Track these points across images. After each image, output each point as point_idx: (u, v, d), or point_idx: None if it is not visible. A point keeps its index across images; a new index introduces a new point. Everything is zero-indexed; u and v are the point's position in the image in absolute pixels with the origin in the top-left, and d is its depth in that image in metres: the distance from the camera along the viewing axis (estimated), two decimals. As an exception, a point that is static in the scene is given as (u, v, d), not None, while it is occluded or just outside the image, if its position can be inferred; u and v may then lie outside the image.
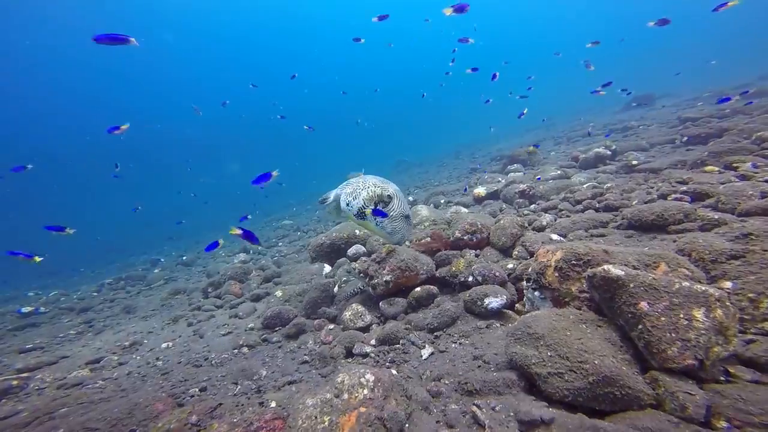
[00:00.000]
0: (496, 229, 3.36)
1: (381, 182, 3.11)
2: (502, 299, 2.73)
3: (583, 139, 11.17)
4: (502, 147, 16.21)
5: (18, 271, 18.49)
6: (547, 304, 2.37)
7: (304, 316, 3.77)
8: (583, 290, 2.18)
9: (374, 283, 3.33)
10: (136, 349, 3.72)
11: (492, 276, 2.91)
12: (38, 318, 6.95)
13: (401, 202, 3.06)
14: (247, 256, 9.18)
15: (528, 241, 3.13)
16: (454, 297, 3.14)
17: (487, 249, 3.38)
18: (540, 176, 5.80)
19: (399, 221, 3.03)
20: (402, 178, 15.92)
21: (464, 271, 3.09)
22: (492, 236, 3.38)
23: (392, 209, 2.98)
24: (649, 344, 1.62)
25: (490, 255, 3.27)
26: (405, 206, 3.07)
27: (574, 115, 20.75)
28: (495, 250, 3.33)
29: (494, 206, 5.21)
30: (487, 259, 3.23)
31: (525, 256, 3.11)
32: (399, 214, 2.99)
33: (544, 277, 2.35)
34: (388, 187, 3.08)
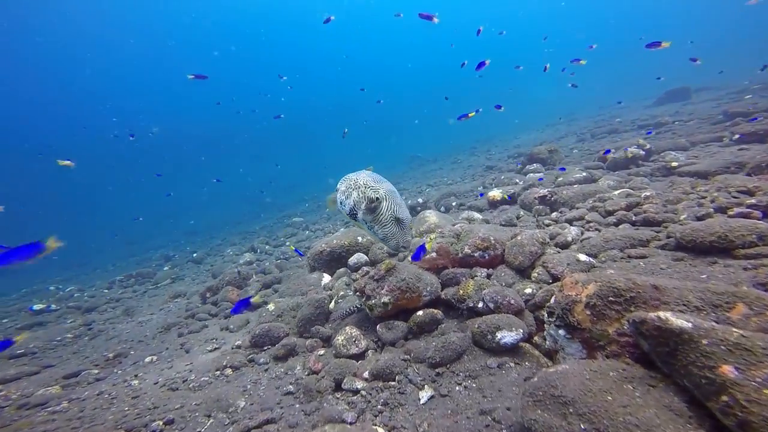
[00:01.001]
0: (513, 245, 2.90)
1: (373, 182, 2.80)
2: (518, 333, 2.29)
3: (610, 136, 10.35)
4: (520, 143, 15.44)
5: (48, 262, 19.34)
6: (575, 346, 1.92)
7: (296, 335, 3.44)
8: (623, 333, 1.72)
9: (371, 304, 2.95)
10: (119, 361, 3.51)
11: (506, 303, 2.47)
12: (47, 316, 7.00)
13: (392, 204, 2.68)
14: (253, 256, 9.02)
15: (550, 262, 2.66)
16: (461, 324, 2.72)
17: (501, 268, 2.93)
18: (562, 178, 5.24)
19: (390, 226, 2.66)
20: (415, 174, 15.45)
21: (473, 296, 2.66)
22: (507, 253, 2.93)
23: (381, 213, 2.65)
24: (748, 426, 1.15)
25: (505, 276, 2.82)
26: (398, 209, 2.73)
27: (597, 110, 19.58)
28: (510, 269, 2.87)
29: (511, 212, 4.71)
30: (501, 281, 2.79)
31: (546, 280, 2.64)
32: (389, 218, 2.65)
33: (571, 314, 1.90)
34: (378, 188, 2.74)
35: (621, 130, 10.33)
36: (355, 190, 2.77)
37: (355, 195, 2.76)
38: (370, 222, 2.68)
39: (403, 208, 2.80)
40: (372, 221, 2.66)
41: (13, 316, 7.98)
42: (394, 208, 2.74)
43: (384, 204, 2.73)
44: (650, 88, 18.99)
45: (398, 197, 2.80)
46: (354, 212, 2.77)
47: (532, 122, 23.39)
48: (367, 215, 2.66)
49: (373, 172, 3.15)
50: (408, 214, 2.83)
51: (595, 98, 25.18)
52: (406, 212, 2.81)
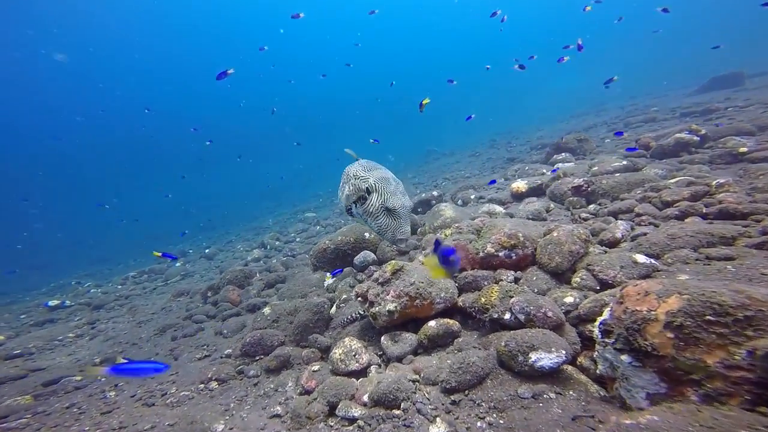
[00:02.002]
0: (547, 243, 2.37)
1: (363, 170, 2.59)
2: (558, 355, 1.78)
3: (647, 125, 9.43)
4: (543, 135, 14.54)
5: (75, 256, 20.11)
6: (647, 377, 1.40)
7: (293, 343, 3.05)
8: (735, 365, 1.19)
9: (375, 312, 2.50)
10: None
11: (541, 316, 1.95)
12: (60, 313, 7.00)
13: (383, 193, 2.43)
14: (261, 253, 8.79)
15: (597, 264, 2.12)
16: (482, 338, 2.22)
17: (532, 271, 2.40)
18: (597, 167, 4.58)
19: (382, 217, 2.41)
20: (430, 168, 14.89)
21: (498, 305, 2.16)
22: (540, 253, 2.40)
23: (371, 205, 2.43)
24: None
25: (537, 280, 2.30)
26: (389, 198, 2.42)
27: (628, 99, 18.25)
28: (544, 272, 2.34)
29: (538, 205, 4.12)
30: (532, 287, 2.27)
31: (592, 286, 2.10)
32: (379, 208, 2.41)
33: (642, 336, 1.38)
34: (368, 177, 2.51)
35: (660, 118, 9.41)
36: (347, 183, 2.58)
37: (347, 189, 2.52)
38: (362, 215, 2.47)
39: (395, 196, 2.47)
40: (364, 214, 2.43)
41: (32, 312, 8.11)
42: (384, 196, 2.44)
43: (373, 194, 2.44)
44: (687, 77, 17.49)
45: (391, 184, 2.53)
46: (349, 208, 2.57)
47: (555, 113, 22.19)
48: (359, 208, 2.44)
49: (368, 161, 2.83)
50: (404, 201, 2.48)
51: (623, 88, 23.63)
52: (401, 200, 2.46)
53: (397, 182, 2.61)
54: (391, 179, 2.60)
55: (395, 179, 2.66)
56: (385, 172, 2.69)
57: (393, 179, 2.64)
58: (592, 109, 19.05)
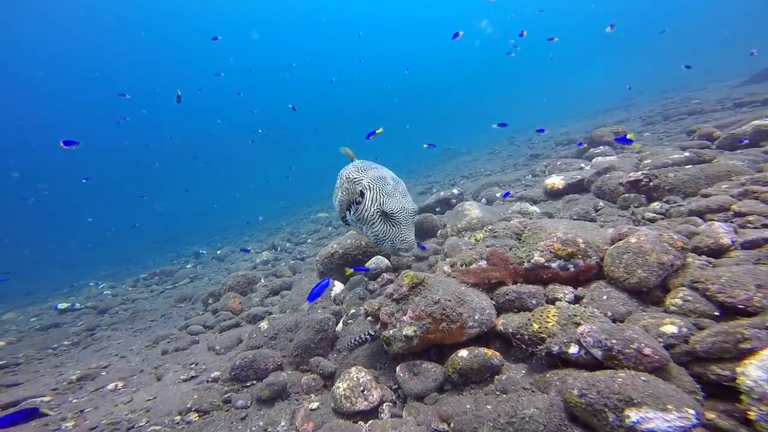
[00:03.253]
0: (621, 252, 1.76)
1: (357, 172, 2.27)
2: (684, 417, 1.17)
3: (691, 117, 8.54)
4: (568, 131, 13.66)
5: (94, 257, 20.58)
6: None
7: (292, 365, 2.56)
8: None
9: (389, 336, 1.97)
10: (79, 387, 2.87)
11: (633, 353, 1.36)
12: (66, 317, 6.84)
13: (378, 195, 2.11)
14: (270, 255, 8.43)
15: (710, 281, 1.51)
16: (535, 376, 1.65)
17: (599, 287, 1.81)
18: (650, 160, 3.89)
19: (378, 224, 2.09)
20: (446, 167, 14.28)
21: (559, 333, 1.58)
22: (609, 265, 1.80)
23: (364, 210, 2.12)
24: None
25: (609, 300, 1.70)
26: (386, 200, 2.08)
27: (659, 94, 17.00)
28: (617, 290, 1.74)
29: (583, 203, 3.49)
30: (604, 309, 1.67)
31: (705, 311, 1.49)
32: (374, 214, 2.10)
33: None
34: (362, 178, 2.19)
35: (707, 110, 8.50)
36: (340, 188, 2.23)
37: (339, 194, 2.20)
38: (356, 223, 2.13)
39: (393, 198, 2.10)
40: (358, 221, 2.10)
41: (43, 314, 8.03)
42: (380, 199, 2.07)
43: (367, 195, 2.06)
44: (728, 69, 16.20)
45: (389, 184, 2.13)
46: (344, 215, 2.25)
47: (578, 110, 21.09)
48: (351, 214, 2.13)
49: (364, 161, 2.45)
50: (405, 204, 2.09)
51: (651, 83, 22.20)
52: (401, 202, 2.07)
53: (396, 182, 2.24)
54: (389, 179, 2.23)
55: (395, 179, 2.28)
56: (383, 171, 2.31)
57: (392, 179, 2.26)
58: (619, 104, 17.99)
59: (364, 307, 2.18)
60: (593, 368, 1.45)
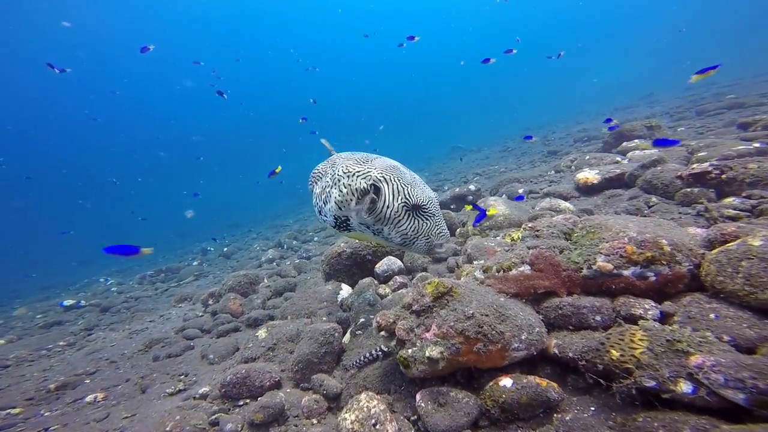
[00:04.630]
0: (739, 258, 1.34)
1: (357, 164, 1.85)
2: None
3: (732, 111, 7.91)
4: (586, 127, 13.03)
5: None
6: None
7: (291, 381, 2.22)
8: None
9: (407, 357, 1.60)
10: (56, 397, 2.59)
11: None
12: (71, 315, 6.69)
13: (399, 186, 1.73)
14: (276, 253, 8.15)
15: None
16: (615, 416, 1.25)
17: (695, 300, 1.40)
18: (706, 153, 3.41)
19: (407, 221, 1.72)
20: (457, 165, 13.83)
21: (655, 364, 1.18)
22: (716, 273, 1.38)
23: (386, 207, 1.71)
24: None
25: (722, 320, 1.29)
26: (411, 190, 1.73)
27: (684, 90, 16.10)
28: (732, 306, 1.33)
29: (630, 199, 3.05)
30: (718, 332, 1.27)
31: None
32: (400, 209, 1.72)
33: None
34: (368, 170, 1.77)
35: (750, 104, 7.85)
36: (335, 186, 1.85)
37: (336, 194, 1.83)
38: (373, 225, 1.77)
39: (418, 186, 1.78)
40: (376, 223, 1.74)
41: (50, 311, 7.94)
42: (404, 190, 1.71)
43: (386, 188, 1.71)
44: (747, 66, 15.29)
45: (406, 173, 1.82)
46: (344, 220, 1.87)
47: (594, 107, 20.26)
48: (367, 216, 1.75)
49: (354, 152, 2.10)
50: (430, 193, 1.81)
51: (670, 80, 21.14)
52: (426, 191, 1.79)
53: (410, 171, 1.89)
54: (400, 167, 1.86)
55: (406, 168, 1.91)
56: (388, 159, 1.94)
57: (403, 167, 1.89)
58: (639, 101, 17.14)
59: (377, 320, 1.81)
60: (721, 415, 1.05)
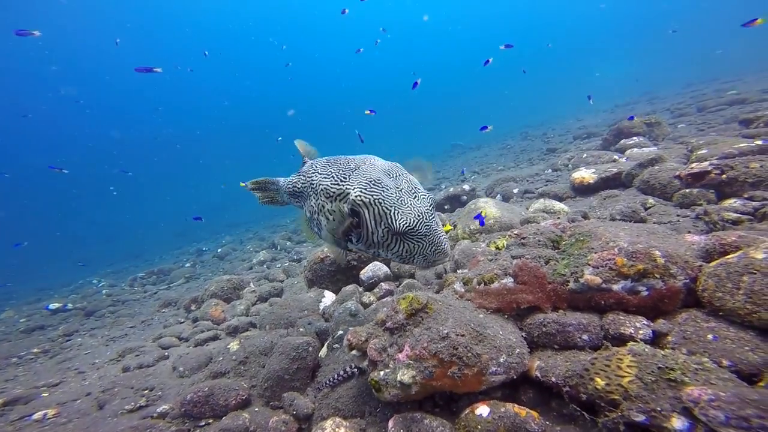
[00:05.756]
0: (739, 272, 1.17)
1: (334, 180, 1.66)
2: None
3: (733, 107, 7.73)
4: (585, 124, 12.85)
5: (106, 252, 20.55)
6: None
7: (261, 399, 2.05)
8: None
9: (379, 381, 1.43)
10: (1, 413, 2.41)
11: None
12: (55, 318, 6.52)
13: (382, 209, 1.51)
14: (268, 254, 7.98)
15: None
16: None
17: (692, 318, 1.23)
18: (707, 150, 3.23)
19: (396, 245, 1.52)
20: (456, 162, 13.67)
21: (643, 395, 1.00)
22: (715, 289, 1.21)
23: (370, 234, 1.54)
24: None
25: (720, 341, 1.12)
26: (398, 210, 1.49)
27: (683, 87, 15.90)
28: (731, 326, 1.16)
29: (626, 200, 2.87)
30: (716, 355, 1.09)
31: None
32: (386, 235, 1.52)
33: None
34: (347, 189, 1.59)
35: (752, 100, 7.67)
36: (320, 213, 1.69)
37: (326, 225, 1.67)
38: (367, 250, 1.63)
39: (403, 205, 1.51)
40: (368, 248, 1.59)
41: (36, 314, 7.76)
42: (385, 216, 1.49)
43: (366, 214, 1.52)
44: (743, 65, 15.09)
45: (388, 187, 1.55)
46: (342, 245, 1.70)
47: (595, 104, 20.05)
48: (357, 242, 1.62)
49: (330, 158, 1.89)
50: (420, 204, 1.53)
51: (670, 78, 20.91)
52: (415, 205, 1.51)
53: (395, 176, 1.61)
54: (383, 177, 1.58)
55: (390, 172, 1.63)
56: (369, 165, 1.68)
57: (386, 173, 1.61)
58: (640, 98, 16.95)
59: (348, 338, 1.64)
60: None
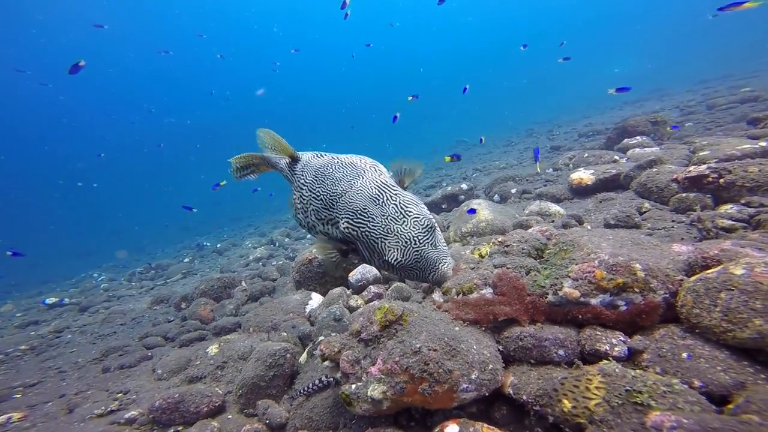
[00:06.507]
0: (718, 288, 1.07)
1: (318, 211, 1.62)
2: None
3: (744, 105, 7.49)
4: (592, 122, 12.61)
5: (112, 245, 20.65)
6: None
7: (236, 406, 1.98)
8: None
9: (349, 394, 1.35)
10: None
11: None
12: (50, 314, 6.54)
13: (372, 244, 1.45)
14: (265, 251, 7.94)
15: None
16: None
17: (669, 334, 1.13)
18: (708, 152, 3.09)
19: (395, 270, 1.47)
20: (460, 160, 13.51)
21: (609, 419, 0.90)
22: (693, 305, 1.11)
23: (367, 263, 1.53)
24: None
25: (694, 360, 1.01)
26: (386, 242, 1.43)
27: (697, 83, 15.49)
28: (707, 344, 1.05)
29: (622, 204, 2.75)
30: (689, 375, 0.98)
31: None
32: (382, 264, 1.47)
33: None
34: (335, 220, 1.54)
35: (766, 97, 7.42)
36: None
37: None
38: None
39: (390, 235, 1.42)
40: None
41: (32, 309, 7.80)
42: (377, 248, 1.43)
43: (360, 247, 1.47)
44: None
45: (375, 216, 1.44)
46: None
47: (603, 102, 19.73)
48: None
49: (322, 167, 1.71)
50: (411, 228, 1.42)
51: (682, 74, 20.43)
52: (404, 230, 1.41)
53: (384, 200, 1.47)
54: (368, 201, 1.46)
55: (375, 195, 1.48)
56: (357, 190, 1.52)
57: (371, 199, 1.48)
58: (650, 95, 16.58)
59: (321, 348, 1.55)
60: None
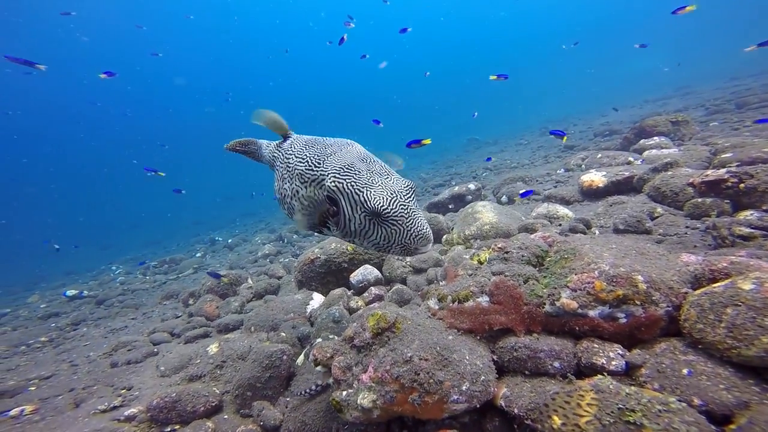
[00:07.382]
0: (724, 304, 1.00)
1: (309, 165, 1.57)
2: None
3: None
4: (609, 120, 12.20)
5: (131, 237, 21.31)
6: None
7: (232, 406, 2.00)
8: None
9: (341, 401, 1.33)
10: None
11: None
12: (70, 305, 6.80)
13: (356, 193, 1.40)
14: (274, 248, 8.02)
15: None
16: None
17: (670, 348, 1.07)
18: (731, 154, 2.92)
19: (375, 230, 1.37)
20: (470, 158, 13.35)
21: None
22: (696, 320, 1.04)
23: (348, 220, 1.41)
24: None
25: (695, 377, 0.94)
26: (372, 190, 1.37)
27: (727, 80, 14.73)
28: (711, 360, 0.98)
29: (633, 208, 2.63)
30: (688, 393, 0.92)
31: None
32: (363, 220, 1.39)
33: None
34: (322, 176, 1.50)
35: None
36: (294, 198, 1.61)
37: (300, 212, 1.59)
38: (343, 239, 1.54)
39: (374, 186, 1.40)
40: (344, 237, 1.50)
41: (54, 300, 8.13)
42: (360, 198, 1.39)
43: (342, 202, 1.43)
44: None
45: (360, 170, 1.46)
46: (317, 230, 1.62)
47: (623, 99, 19.07)
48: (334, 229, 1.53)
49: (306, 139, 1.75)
50: (394, 184, 1.41)
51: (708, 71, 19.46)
52: (388, 185, 1.40)
53: (367, 160, 1.54)
54: (356, 160, 1.51)
55: (363, 156, 1.56)
56: (347, 151, 1.59)
57: (359, 158, 1.54)
58: (673, 92, 15.90)
59: (314, 352, 1.54)
60: None
